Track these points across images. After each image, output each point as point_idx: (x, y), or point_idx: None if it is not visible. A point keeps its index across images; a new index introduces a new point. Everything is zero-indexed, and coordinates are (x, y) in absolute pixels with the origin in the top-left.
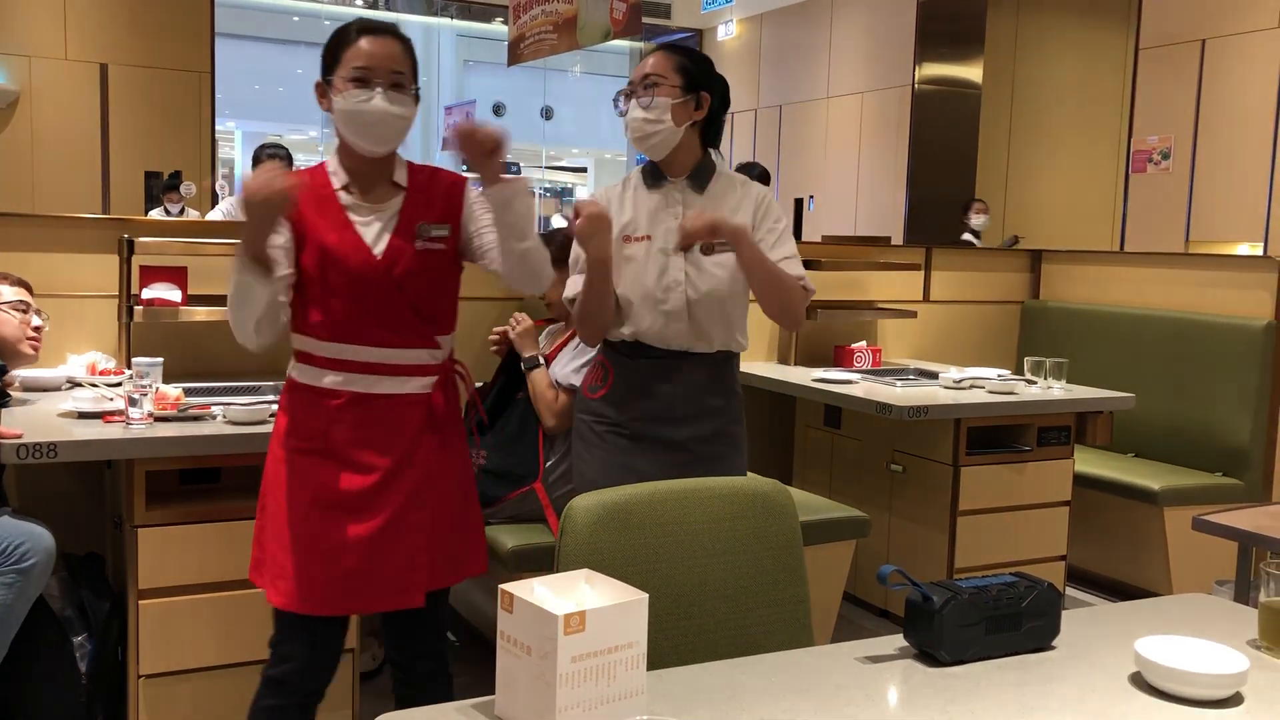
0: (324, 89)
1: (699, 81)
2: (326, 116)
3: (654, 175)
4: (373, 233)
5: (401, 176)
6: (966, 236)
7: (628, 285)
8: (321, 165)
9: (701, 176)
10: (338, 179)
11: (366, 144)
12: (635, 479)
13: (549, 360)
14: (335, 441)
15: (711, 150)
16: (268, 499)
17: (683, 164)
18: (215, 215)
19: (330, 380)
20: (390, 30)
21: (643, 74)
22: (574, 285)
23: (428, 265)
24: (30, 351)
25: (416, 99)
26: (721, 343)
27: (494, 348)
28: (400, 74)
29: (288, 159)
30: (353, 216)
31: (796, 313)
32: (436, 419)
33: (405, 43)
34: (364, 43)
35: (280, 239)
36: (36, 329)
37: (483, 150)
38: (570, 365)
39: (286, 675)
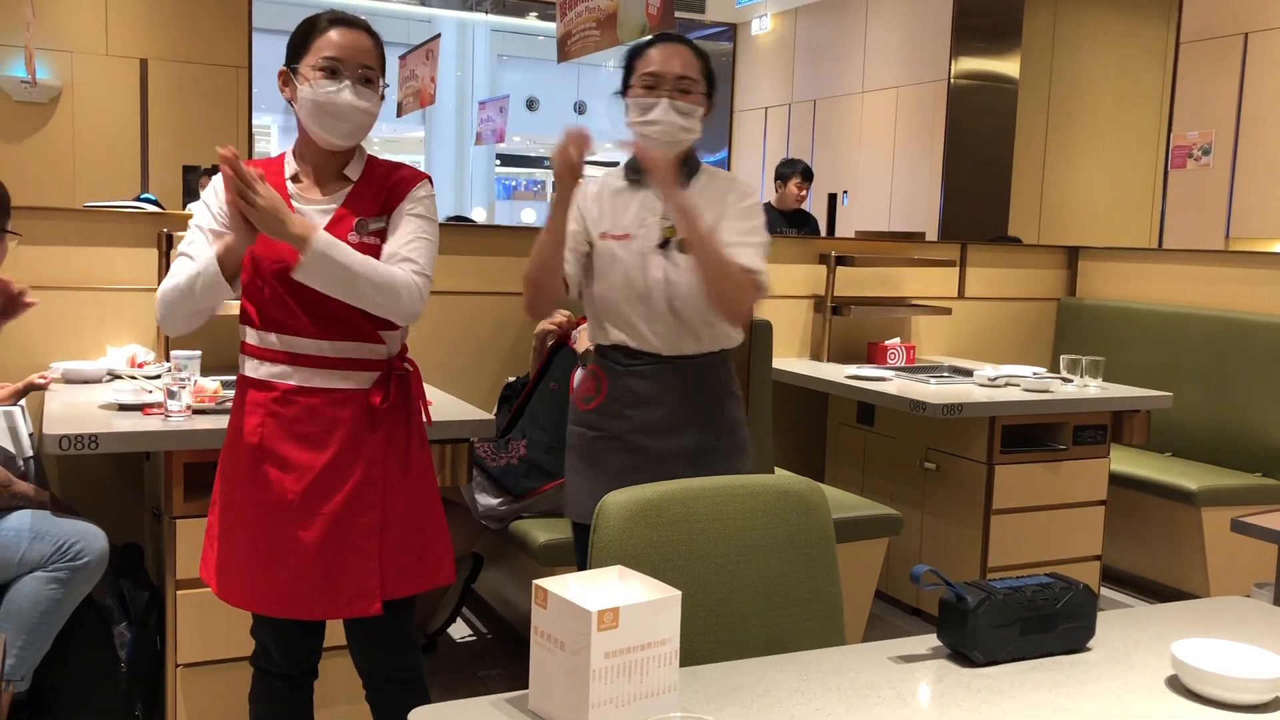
0: (288, 76)
1: (713, 84)
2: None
3: (636, 172)
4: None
5: (355, 171)
6: None
7: (608, 286)
8: (281, 155)
9: (687, 174)
10: (289, 168)
11: (329, 136)
12: None
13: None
14: (268, 438)
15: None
16: (217, 496)
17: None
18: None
19: (265, 372)
20: (362, 24)
21: (676, 74)
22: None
23: None
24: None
25: (382, 97)
26: (710, 340)
27: (553, 332)
28: (369, 69)
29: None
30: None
31: (737, 307)
32: (376, 417)
33: (376, 39)
34: (335, 33)
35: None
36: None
37: None
38: None
39: (264, 658)
